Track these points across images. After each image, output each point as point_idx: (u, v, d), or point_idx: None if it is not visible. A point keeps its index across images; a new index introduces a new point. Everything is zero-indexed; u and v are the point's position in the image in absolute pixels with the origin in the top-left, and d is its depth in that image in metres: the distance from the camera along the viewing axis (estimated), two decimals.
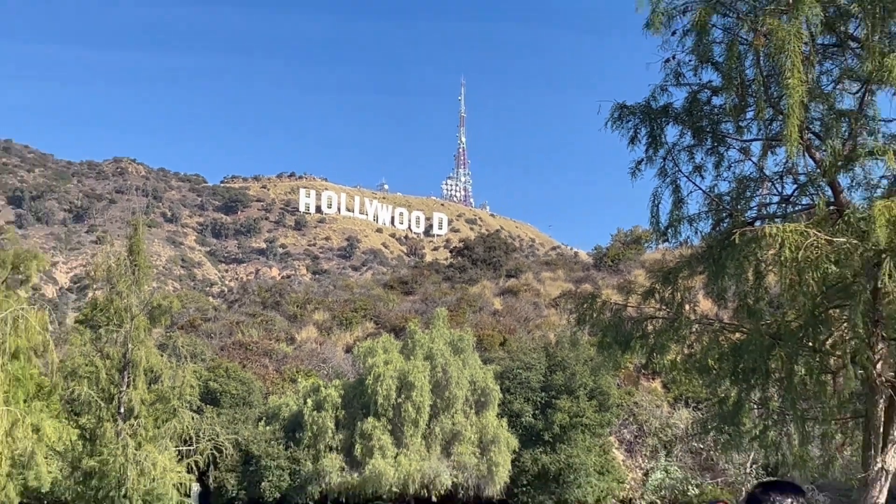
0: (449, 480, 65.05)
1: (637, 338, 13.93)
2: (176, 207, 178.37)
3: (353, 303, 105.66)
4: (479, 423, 69.36)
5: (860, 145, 13.02)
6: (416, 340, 71.58)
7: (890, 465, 12.41)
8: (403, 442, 65.29)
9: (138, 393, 30.91)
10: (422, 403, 66.02)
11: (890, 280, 12.09)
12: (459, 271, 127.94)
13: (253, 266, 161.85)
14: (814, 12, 11.99)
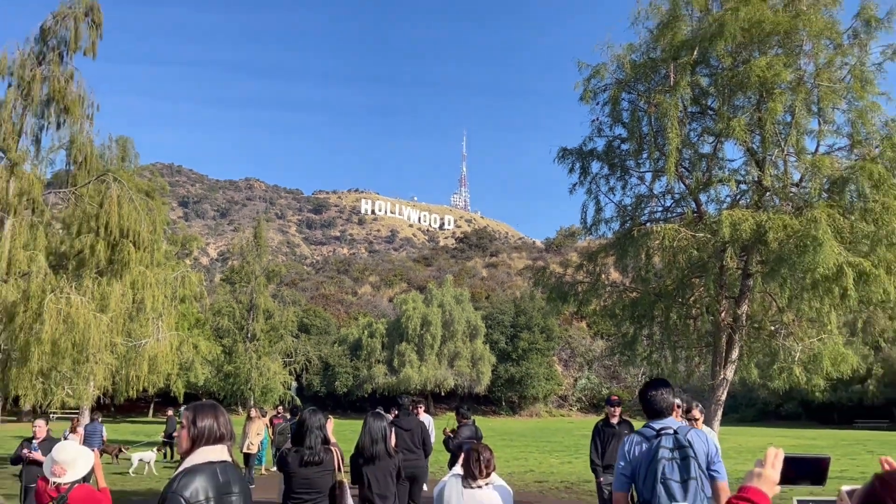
0: (452, 382, 71.48)
1: (571, 295, 15.20)
2: (283, 210, 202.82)
3: (394, 271, 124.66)
4: (471, 347, 76.28)
5: (713, 176, 14.08)
6: (432, 295, 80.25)
7: (728, 376, 13.71)
8: (424, 358, 72.82)
9: (259, 325, 34.18)
10: (435, 334, 73.48)
11: (731, 260, 13.71)
12: (460, 252, 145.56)
13: (331, 247, 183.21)
14: (685, 92, 13.50)
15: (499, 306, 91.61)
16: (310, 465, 7.05)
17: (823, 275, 11.61)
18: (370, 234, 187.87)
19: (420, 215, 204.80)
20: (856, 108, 13.04)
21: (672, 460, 5.13)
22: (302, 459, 7.04)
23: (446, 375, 79.05)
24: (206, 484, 4.00)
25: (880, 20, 13.14)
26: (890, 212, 12.08)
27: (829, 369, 13.84)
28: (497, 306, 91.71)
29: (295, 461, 7.08)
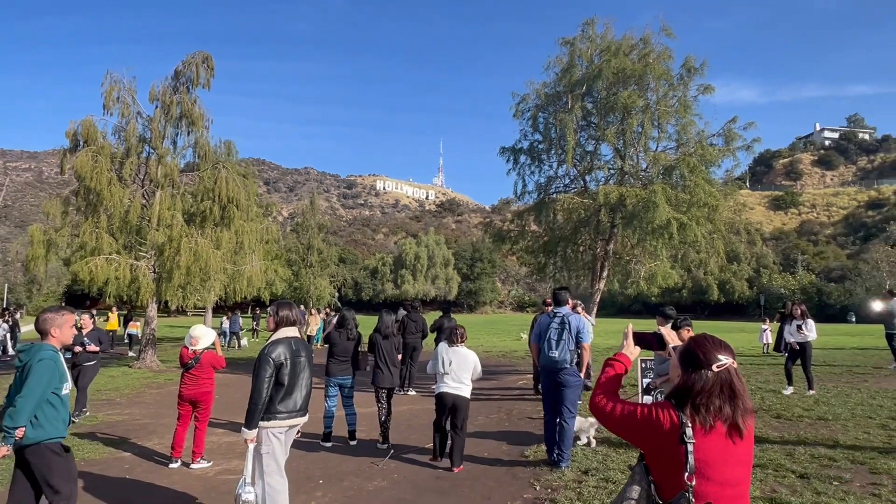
0: (433, 293, 72.12)
1: (507, 239, 15.24)
2: (328, 187, 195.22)
3: (397, 225, 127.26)
4: (445, 272, 76.06)
5: (594, 165, 14.10)
6: (421, 240, 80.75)
7: (601, 287, 13.82)
8: (416, 278, 73.26)
9: (314, 258, 33.89)
10: (423, 264, 74.18)
11: (604, 216, 13.79)
12: (439, 213, 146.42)
13: (358, 210, 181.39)
14: (578, 113, 13.30)
15: (463, 247, 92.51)
16: (349, 340, 7.21)
17: (659, 225, 11.75)
18: (383, 202, 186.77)
19: (413, 190, 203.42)
20: (681, 124, 13.04)
21: (555, 328, 6.06)
22: (346, 337, 7.22)
23: (430, 289, 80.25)
24: (285, 350, 4.15)
25: (697, 69, 13.13)
26: (699, 187, 12.23)
27: (660, 282, 14.13)
28: (462, 247, 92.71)
29: (340, 337, 7.25)
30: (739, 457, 1.85)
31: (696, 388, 1.86)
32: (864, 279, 57.54)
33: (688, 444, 1.78)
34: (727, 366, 1.88)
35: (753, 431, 1.93)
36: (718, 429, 1.83)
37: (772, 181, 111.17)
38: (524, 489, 5.31)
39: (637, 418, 1.93)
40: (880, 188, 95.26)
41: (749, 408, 1.89)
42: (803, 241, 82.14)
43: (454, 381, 6.02)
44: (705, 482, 1.78)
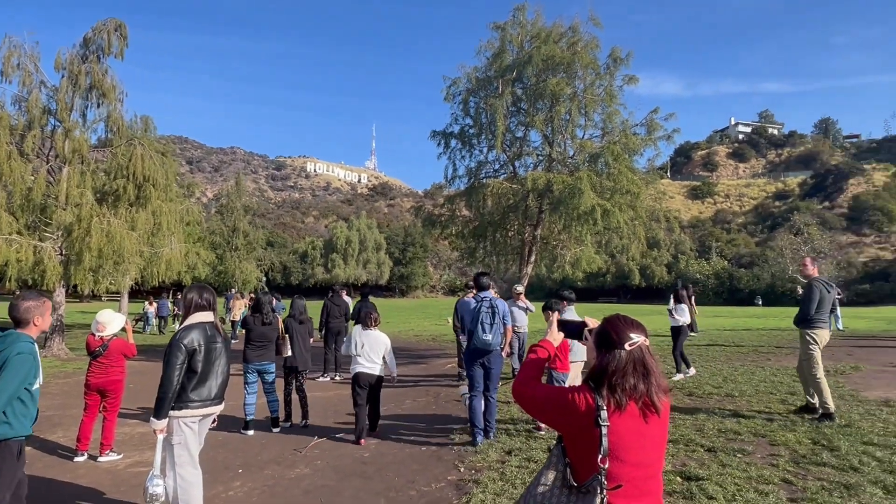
0: (364, 277, 71.29)
1: (438, 223, 15.19)
2: (256, 168, 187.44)
3: (328, 208, 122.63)
4: (377, 256, 75.76)
5: (524, 151, 14.25)
6: (353, 223, 79.07)
7: (529, 271, 14.09)
8: (347, 262, 71.58)
9: (239, 240, 32.44)
10: (354, 248, 72.96)
11: (532, 202, 14.01)
12: (371, 197, 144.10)
13: (288, 193, 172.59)
14: (508, 98, 13.39)
15: (395, 231, 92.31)
16: (264, 325, 7.03)
17: (584, 211, 12.00)
18: (313, 185, 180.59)
19: (345, 173, 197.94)
20: (606, 113, 13.34)
21: (486, 312, 6.29)
22: (261, 321, 7.03)
23: (361, 273, 79.69)
24: (198, 336, 3.95)
25: (622, 59, 13.42)
26: (622, 174, 12.60)
27: (585, 267, 14.52)
28: (394, 231, 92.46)
29: (255, 322, 7.07)
30: (653, 438, 1.88)
31: (610, 368, 1.88)
32: (770, 265, 61.69)
33: (602, 426, 1.79)
34: (639, 343, 1.91)
35: (669, 411, 1.96)
36: (633, 411, 1.85)
37: (690, 171, 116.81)
38: (449, 471, 5.34)
39: (554, 402, 1.94)
40: (786, 180, 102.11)
41: (663, 385, 1.92)
42: (717, 229, 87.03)
43: (367, 362, 6.43)
44: (618, 464, 1.80)
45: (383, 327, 8.13)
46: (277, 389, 7.31)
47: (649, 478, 1.86)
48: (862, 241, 74.32)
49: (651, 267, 67.75)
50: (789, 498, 4.32)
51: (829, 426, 6.36)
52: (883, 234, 74.58)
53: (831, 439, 5.82)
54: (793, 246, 59.78)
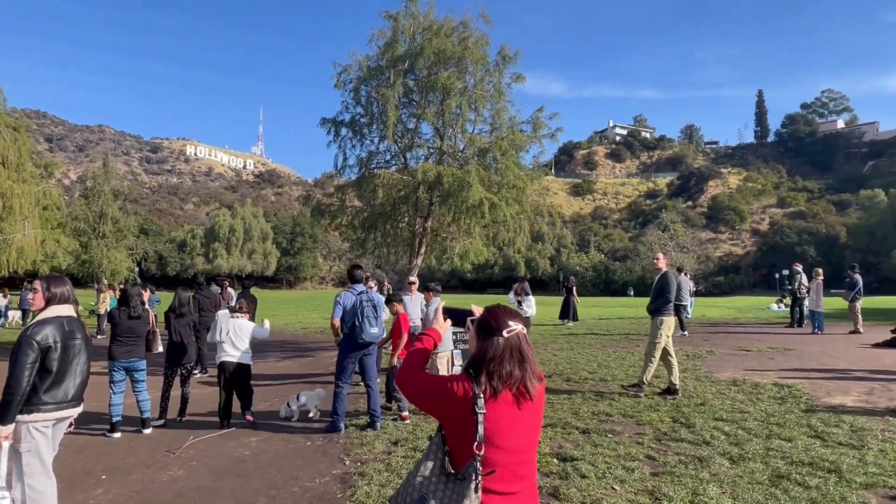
0: (250, 268, 67.91)
1: (327, 213, 14.81)
2: (128, 149, 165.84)
3: (210, 195, 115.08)
4: (263, 246, 72.79)
5: (415, 143, 14.10)
6: (237, 211, 75.67)
7: (419, 263, 14.29)
8: (231, 252, 67.73)
9: (107, 227, 29.42)
10: (239, 237, 68.96)
11: (422, 194, 14.14)
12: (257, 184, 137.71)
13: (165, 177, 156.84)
14: (399, 89, 13.45)
15: (283, 220, 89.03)
16: (132, 319, 6.52)
17: (472, 204, 12.26)
18: (193, 170, 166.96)
19: (229, 159, 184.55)
20: (495, 109, 13.68)
21: (368, 306, 6.40)
22: (128, 315, 6.52)
23: (246, 263, 76.23)
24: (55, 331, 3.59)
25: (511, 57, 13.83)
26: (509, 170, 13.00)
27: (473, 259, 14.90)
28: (282, 220, 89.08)
29: (121, 316, 6.55)
30: (527, 424, 1.93)
31: (489, 355, 1.93)
32: (641, 259, 66.70)
33: (478, 414, 1.83)
34: (517, 331, 1.97)
35: (543, 399, 2.02)
36: (507, 398, 1.90)
37: (572, 169, 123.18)
38: (334, 465, 5.26)
39: (434, 390, 1.97)
40: (656, 181, 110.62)
41: (538, 373, 1.98)
42: (596, 225, 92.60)
43: (233, 349, 6.53)
44: (494, 450, 1.84)
45: (270, 320, 7.88)
46: (155, 386, 6.83)
47: (524, 463, 1.92)
48: (718, 238, 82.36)
49: (536, 259, 70.74)
50: (652, 472, 4.70)
51: (640, 398, 6.99)
52: (735, 231, 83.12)
53: (688, 417, 6.41)
54: (660, 241, 65.11)
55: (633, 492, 4.28)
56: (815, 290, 15.91)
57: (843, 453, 5.03)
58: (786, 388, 7.97)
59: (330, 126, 14.41)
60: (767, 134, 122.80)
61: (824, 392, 7.69)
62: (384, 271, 51.39)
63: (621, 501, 4.10)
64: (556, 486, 4.42)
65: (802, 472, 4.56)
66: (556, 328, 18.88)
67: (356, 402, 7.82)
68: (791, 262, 21.72)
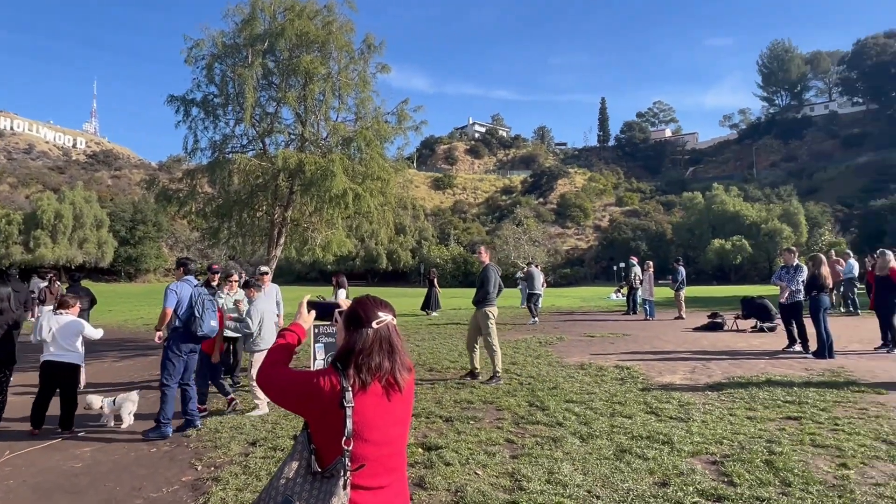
0: (81, 259, 60.67)
1: (174, 199, 13.65)
2: None
3: (31, 175, 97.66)
4: (98, 234, 65.08)
5: (275, 128, 13.46)
6: (65, 195, 66.26)
7: (278, 254, 13.78)
8: (58, 240, 60.15)
9: None
10: (67, 224, 60.36)
11: (282, 182, 13.62)
12: (90, 166, 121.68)
13: None
14: (258, 70, 12.73)
15: (121, 206, 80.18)
16: None
17: (336, 194, 12.02)
18: (9, 146, 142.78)
19: (55, 135, 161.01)
20: (360, 98, 13.51)
21: (207, 299, 6.19)
22: None
23: (76, 254, 67.76)
24: None
25: (376, 47, 13.74)
26: (374, 160, 12.94)
27: (336, 250, 14.66)
28: (120, 206, 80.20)
29: None
30: (397, 416, 1.91)
31: (357, 347, 1.89)
32: (497, 251, 69.78)
33: (347, 407, 1.79)
34: (386, 322, 1.94)
35: (413, 390, 2.01)
36: (377, 390, 1.87)
37: (434, 164, 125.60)
38: (184, 471, 4.85)
39: (299, 387, 1.88)
40: (512, 178, 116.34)
41: (407, 363, 1.97)
42: (456, 218, 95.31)
43: (58, 349, 6.05)
44: (363, 444, 1.81)
45: (106, 316, 7.08)
46: None
47: (393, 455, 1.90)
48: (565, 233, 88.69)
49: (398, 252, 71.34)
50: (511, 455, 4.90)
51: (500, 385, 7.41)
52: (580, 227, 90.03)
53: (543, 400, 6.79)
54: (515, 235, 68.70)
55: (495, 475, 4.43)
56: (647, 280, 17.70)
57: (673, 426, 5.61)
58: (625, 369, 8.75)
59: (179, 105, 13.30)
60: (608, 138, 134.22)
61: (656, 372, 8.56)
62: (238, 262, 48.59)
63: (484, 485, 4.21)
64: (422, 475, 4.45)
65: (641, 445, 5.02)
66: (418, 319, 19.13)
67: (212, 400, 7.29)
68: (627, 255, 24.04)
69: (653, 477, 4.29)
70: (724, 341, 11.87)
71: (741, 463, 4.50)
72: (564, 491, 4.05)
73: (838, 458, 4.60)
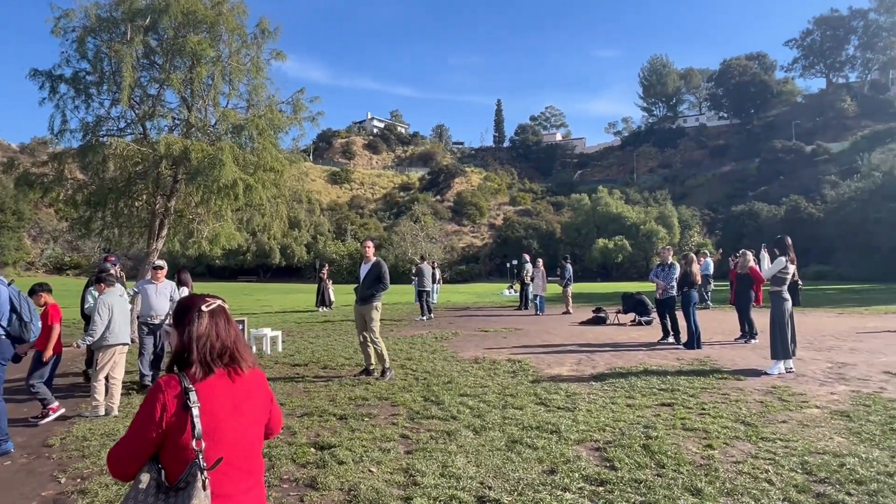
0: None
1: (37, 184, 12.40)
2: None
3: None
4: None
5: (157, 111, 12.51)
6: None
7: (159, 246, 12.91)
8: None
9: None
10: None
11: (165, 169, 12.75)
12: None
13: None
14: (139, 47, 11.80)
15: None
16: None
17: (225, 184, 11.50)
18: None
19: None
20: (252, 84, 13.02)
21: (24, 300, 5.30)
22: None
23: None
24: None
25: (271, 32, 13.26)
26: (267, 150, 12.47)
27: (224, 244, 13.95)
28: None
29: None
30: (248, 414, 1.83)
31: (193, 334, 1.80)
32: (394, 248, 69.69)
33: (193, 407, 1.69)
34: (217, 303, 1.90)
35: (266, 391, 1.95)
36: (223, 380, 1.80)
37: (331, 157, 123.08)
38: (44, 485, 4.36)
39: (143, 428, 1.70)
40: (409, 174, 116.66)
41: (245, 345, 1.91)
42: (353, 213, 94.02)
43: None
44: (214, 444, 1.72)
45: None
46: None
47: (249, 457, 1.82)
48: (462, 230, 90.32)
49: (292, 246, 69.13)
50: (406, 451, 4.88)
51: (394, 381, 7.46)
52: (476, 224, 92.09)
53: (438, 395, 6.84)
54: (412, 232, 68.95)
55: (390, 471, 4.38)
56: (539, 277, 18.41)
57: (561, 416, 5.85)
58: (517, 362, 9.04)
59: (44, 80, 12.11)
60: (504, 139, 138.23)
61: (546, 364, 8.91)
62: (116, 256, 44.97)
63: (378, 482, 4.15)
64: (314, 475, 4.31)
65: (532, 435, 5.18)
66: (312, 316, 18.65)
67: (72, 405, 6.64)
68: (520, 253, 24.89)
69: (542, 465, 4.44)
70: (606, 334, 12.60)
71: (621, 448, 4.77)
72: (458, 484, 4.08)
73: (705, 439, 5.01)
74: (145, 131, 12.91)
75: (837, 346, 10.40)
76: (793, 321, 8.17)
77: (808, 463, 4.35)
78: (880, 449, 4.65)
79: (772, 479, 4.06)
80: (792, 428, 5.32)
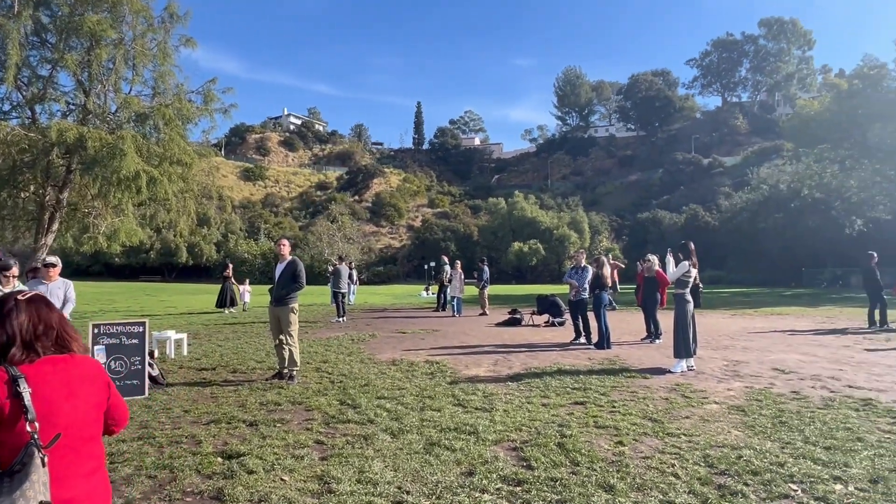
0: None
1: None
2: None
3: None
4: None
5: (48, 94, 11.44)
6: None
7: (49, 242, 11.94)
8: None
9: None
10: None
11: (57, 158, 11.76)
12: None
13: None
14: (28, 23, 10.89)
15: None
16: None
17: (126, 176, 10.75)
18: None
19: None
20: (159, 71, 12.29)
21: None
22: None
23: None
24: None
25: (180, 17, 12.54)
26: (174, 142, 11.78)
27: (124, 240, 13.06)
28: None
29: None
30: (84, 398, 1.83)
31: (13, 328, 1.78)
32: (310, 248, 68.09)
33: (24, 394, 1.68)
34: (33, 294, 1.88)
35: (102, 376, 1.93)
36: (54, 364, 1.80)
37: (244, 153, 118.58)
38: None
39: None
40: (327, 173, 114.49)
41: (73, 329, 1.91)
42: (267, 212, 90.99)
43: None
44: (51, 426, 1.72)
45: None
46: None
47: (88, 440, 1.83)
48: (380, 231, 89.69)
49: (200, 245, 65.92)
50: (321, 457, 4.70)
51: (295, 383, 7.28)
52: (394, 226, 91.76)
53: (354, 398, 6.67)
54: (329, 232, 67.65)
55: (303, 479, 4.19)
56: (457, 279, 18.54)
57: (479, 417, 5.86)
58: (435, 364, 9.01)
59: None
60: (423, 142, 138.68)
61: (463, 365, 8.94)
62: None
63: (290, 492, 3.96)
64: (220, 487, 4.05)
65: (450, 437, 5.14)
66: (219, 317, 17.79)
67: None
68: (438, 255, 25.00)
69: (460, 467, 4.40)
70: (522, 335, 12.86)
71: (538, 447, 4.83)
72: (375, 489, 3.96)
73: (616, 436, 5.17)
74: (34, 115, 11.87)
75: (732, 345, 11.16)
76: (695, 322, 8.67)
77: (710, 456, 4.59)
78: (772, 441, 4.99)
79: (678, 473, 4.24)
80: (694, 423, 5.61)
